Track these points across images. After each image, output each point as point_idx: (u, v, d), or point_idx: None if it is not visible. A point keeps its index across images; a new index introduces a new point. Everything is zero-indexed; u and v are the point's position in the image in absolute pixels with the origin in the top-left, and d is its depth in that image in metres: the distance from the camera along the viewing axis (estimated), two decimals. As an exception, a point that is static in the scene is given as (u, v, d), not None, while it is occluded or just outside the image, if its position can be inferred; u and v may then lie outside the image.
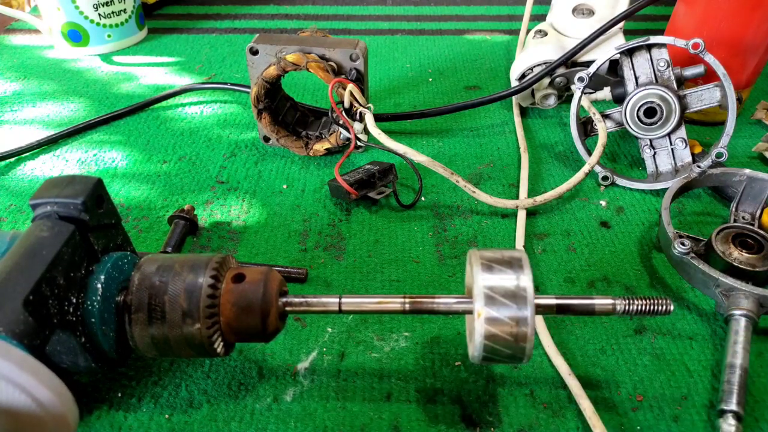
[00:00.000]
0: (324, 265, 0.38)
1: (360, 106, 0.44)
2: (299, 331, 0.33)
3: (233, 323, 0.26)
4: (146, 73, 0.62)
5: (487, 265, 0.25)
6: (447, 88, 0.59)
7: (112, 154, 0.49)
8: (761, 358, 0.32)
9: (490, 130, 0.52)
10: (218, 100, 0.57)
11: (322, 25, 0.74)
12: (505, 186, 0.45)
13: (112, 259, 0.27)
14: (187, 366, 0.31)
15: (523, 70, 0.51)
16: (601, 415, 0.28)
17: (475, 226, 0.41)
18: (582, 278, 0.37)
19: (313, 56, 0.43)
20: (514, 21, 0.74)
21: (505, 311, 0.24)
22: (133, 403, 0.29)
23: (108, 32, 0.65)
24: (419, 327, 0.34)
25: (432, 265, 0.38)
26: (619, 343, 0.32)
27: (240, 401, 0.30)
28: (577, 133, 0.46)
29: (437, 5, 0.80)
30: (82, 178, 0.27)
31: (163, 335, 0.25)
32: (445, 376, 0.31)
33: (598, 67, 0.45)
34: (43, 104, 0.56)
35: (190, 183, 0.45)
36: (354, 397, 0.30)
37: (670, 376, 0.31)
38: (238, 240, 0.40)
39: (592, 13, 0.52)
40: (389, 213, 0.42)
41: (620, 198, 0.43)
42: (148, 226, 0.41)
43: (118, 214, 0.29)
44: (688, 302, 0.35)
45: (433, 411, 0.29)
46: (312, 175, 0.46)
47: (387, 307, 0.27)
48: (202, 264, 0.26)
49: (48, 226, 0.25)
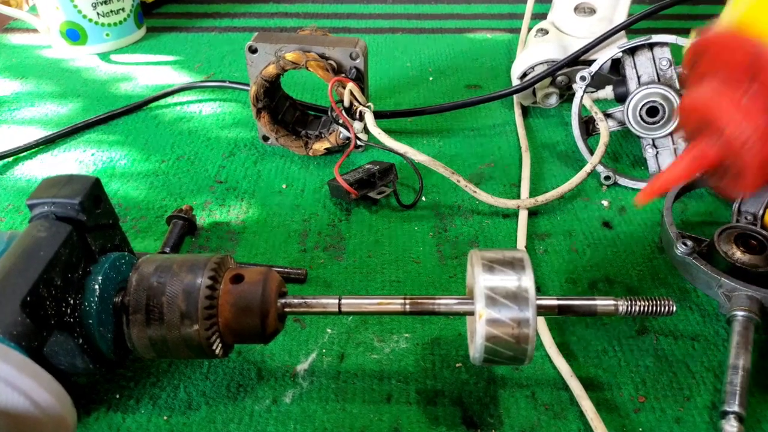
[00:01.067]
0: (324, 265, 0.38)
1: (360, 105, 0.43)
2: (299, 332, 0.33)
3: (232, 324, 0.26)
4: (145, 72, 0.62)
5: (489, 266, 0.25)
6: (448, 87, 0.59)
7: (110, 153, 0.49)
8: (764, 359, 0.31)
9: (491, 129, 0.52)
10: (217, 99, 0.57)
11: (322, 24, 0.73)
12: (506, 186, 0.45)
13: (110, 259, 0.26)
14: (186, 367, 0.31)
15: (524, 68, 0.51)
16: (603, 417, 0.28)
17: (476, 226, 0.41)
18: (584, 279, 0.36)
19: (313, 55, 0.43)
20: (515, 19, 0.74)
21: (507, 312, 0.24)
22: (131, 404, 0.29)
23: (106, 31, 0.65)
24: (420, 328, 0.33)
25: (433, 265, 0.38)
26: (621, 344, 0.32)
27: (239, 403, 0.29)
28: (578, 133, 0.46)
29: (438, 3, 0.79)
30: (80, 178, 0.26)
31: (161, 336, 0.25)
32: (446, 378, 0.31)
33: (600, 65, 0.45)
34: (41, 103, 0.56)
35: (189, 183, 0.45)
36: (354, 399, 0.30)
37: (672, 377, 0.30)
38: (237, 240, 0.40)
39: (594, 12, 0.52)
40: (389, 213, 0.42)
41: (622, 198, 0.43)
42: (146, 226, 0.41)
43: (115, 215, 0.29)
44: (691, 303, 0.35)
45: (434, 413, 0.29)
46: (312, 174, 0.46)
47: (387, 307, 0.27)
48: (200, 264, 0.26)
49: (45, 226, 0.25)
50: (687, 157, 0.24)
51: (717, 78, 0.24)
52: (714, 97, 0.23)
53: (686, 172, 0.24)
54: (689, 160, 0.24)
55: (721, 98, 0.23)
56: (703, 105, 0.23)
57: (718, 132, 0.23)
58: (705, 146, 0.23)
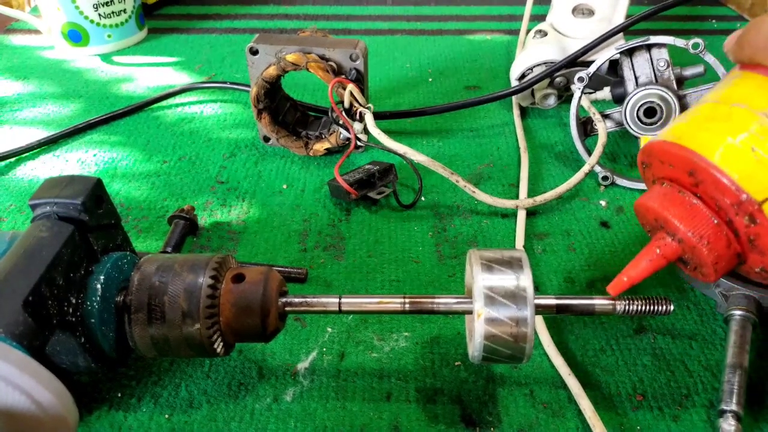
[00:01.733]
0: (324, 265, 0.38)
1: (360, 106, 0.44)
2: (299, 331, 0.33)
3: (233, 323, 0.26)
4: (146, 73, 0.62)
5: (487, 265, 0.25)
6: (447, 88, 0.59)
7: (112, 154, 0.49)
8: (761, 358, 0.32)
9: (490, 130, 0.52)
10: (218, 100, 0.57)
11: (322, 25, 0.74)
12: (505, 186, 0.45)
13: (112, 259, 0.27)
14: (187, 366, 0.31)
15: (523, 70, 0.51)
16: (601, 415, 0.28)
17: (474, 226, 0.41)
18: (582, 278, 0.37)
19: (313, 56, 0.43)
20: (514, 21, 0.74)
21: (505, 311, 0.24)
22: (132, 403, 0.29)
23: (108, 32, 0.65)
24: (419, 327, 0.34)
25: (432, 265, 0.38)
26: (619, 343, 0.32)
27: (240, 401, 0.30)
28: (577, 133, 0.46)
29: (437, 5, 0.80)
30: (82, 179, 0.26)
31: (162, 335, 0.25)
32: (445, 376, 0.31)
33: (598, 66, 0.45)
34: (43, 104, 0.56)
35: (190, 183, 0.45)
36: (354, 397, 0.30)
37: (670, 376, 0.31)
38: (238, 240, 0.40)
39: (592, 13, 0.52)
40: (389, 213, 0.42)
41: (620, 198, 0.43)
42: (147, 226, 0.41)
43: (117, 215, 0.29)
44: (688, 302, 0.35)
45: (433, 411, 0.29)
46: (312, 175, 0.46)
47: (387, 307, 0.27)
48: (201, 264, 0.26)
49: (47, 226, 0.25)
50: (649, 253, 0.26)
51: (666, 183, 0.26)
52: (664, 203, 0.25)
53: (649, 268, 0.26)
54: (651, 257, 0.25)
55: (670, 204, 0.25)
56: (656, 209, 0.25)
57: (674, 233, 0.24)
58: (664, 243, 0.25)
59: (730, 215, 0.23)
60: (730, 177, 0.22)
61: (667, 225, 0.25)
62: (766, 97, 0.23)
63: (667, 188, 0.25)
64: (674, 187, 0.25)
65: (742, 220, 0.23)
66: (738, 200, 0.22)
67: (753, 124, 0.22)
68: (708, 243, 0.24)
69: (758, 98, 0.23)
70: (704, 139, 0.23)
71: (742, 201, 0.22)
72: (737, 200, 0.22)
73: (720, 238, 0.24)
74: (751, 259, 0.24)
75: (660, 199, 0.25)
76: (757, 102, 0.23)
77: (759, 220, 0.22)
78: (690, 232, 0.24)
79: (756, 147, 0.22)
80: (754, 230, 0.22)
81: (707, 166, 0.23)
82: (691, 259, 0.25)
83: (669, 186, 0.25)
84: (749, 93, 0.23)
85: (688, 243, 0.24)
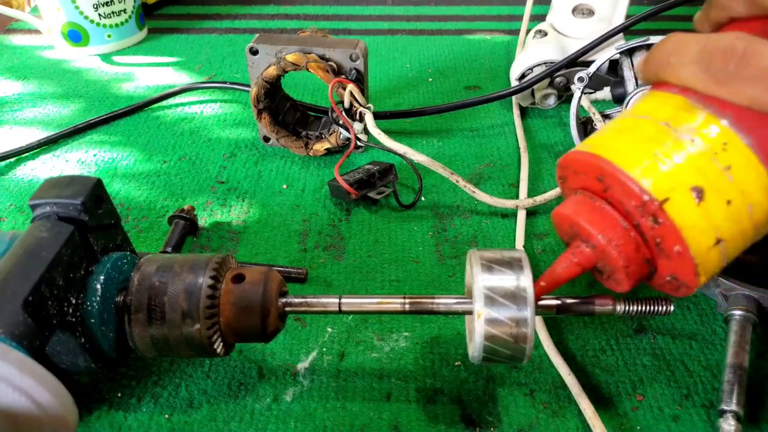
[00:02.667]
0: (324, 265, 0.38)
1: (360, 106, 0.44)
2: (299, 331, 0.33)
3: (233, 323, 0.26)
4: (146, 73, 0.62)
5: (487, 266, 0.25)
6: (447, 88, 0.59)
7: (112, 154, 0.49)
8: (761, 358, 0.32)
9: (490, 130, 0.52)
10: (218, 100, 0.57)
11: (322, 25, 0.74)
12: (504, 186, 0.45)
13: (112, 259, 0.27)
14: (187, 366, 0.31)
15: (522, 70, 0.51)
16: (601, 415, 0.28)
17: (474, 226, 0.41)
18: (582, 278, 0.37)
19: (313, 56, 0.43)
20: (514, 21, 0.74)
21: (505, 312, 0.24)
22: (132, 403, 0.29)
23: (108, 32, 0.65)
24: (419, 327, 0.34)
25: (432, 265, 0.38)
26: (619, 343, 0.32)
27: (240, 401, 0.30)
28: (577, 133, 0.46)
29: (437, 5, 0.80)
30: (82, 179, 0.27)
31: (162, 335, 0.25)
32: (445, 376, 0.31)
33: (598, 67, 0.45)
34: (43, 104, 0.56)
35: (190, 183, 0.45)
36: (354, 397, 0.30)
37: (670, 375, 0.31)
38: (238, 240, 0.40)
39: (592, 13, 0.52)
40: (389, 213, 0.42)
41: (620, 198, 0.43)
42: (147, 226, 0.41)
43: (117, 215, 0.29)
44: (688, 302, 0.35)
45: (433, 411, 0.29)
46: (312, 175, 0.46)
47: (387, 307, 0.27)
48: (201, 264, 0.26)
49: (47, 226, 0.25)
50: (564, 260, 0.26)
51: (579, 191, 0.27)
52: (576, 209, 0.26)
53: (565, 274, 0.26)
54: (566, 264, 0.26)
55: (582, 209, 0.26)
56: (569, 217, 0.26)
57: (587, 238, 0.25)
58: (579, 251, 0.26)
59: (636, 218, 0.24)
60: (633, 179, 0.23)
61: (581, 231, 0.26)
62: (667, 109, 0.24)
63: (579, 196, 0.26)
64: (586, 194, 0.26)
65: (647, 222, 0.23)
66: (641, 201, 0.23)
67: (655, 132, 0.24)
68: (617, 246, 0.24)
69: (661, 111, 0.24)
70: (612, 146, 0.25)
71: (645, 201, 0.23)
72: (641, 201, 0.23)
73: (629, 242, 0.24)
74: (660, 265, 0.25)
75: (573, 207, 0.26)
76: (659, 114, 0.24)
77: (661, 220, 0.23)
78: (600, 235, 0.25)
79: (657, 151, 0.23)
80: (659, 231, 0.23)
81: (613, 170, 0.24)
82: (605, 267, 0.26)
83: (582, 194, 0.26)
84: (653, 107, 0.25)
85: (599, 247, 0.25)
